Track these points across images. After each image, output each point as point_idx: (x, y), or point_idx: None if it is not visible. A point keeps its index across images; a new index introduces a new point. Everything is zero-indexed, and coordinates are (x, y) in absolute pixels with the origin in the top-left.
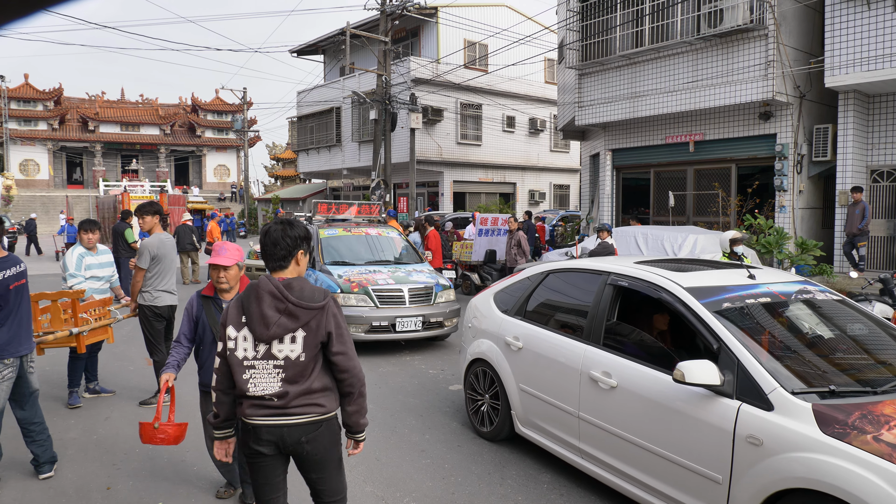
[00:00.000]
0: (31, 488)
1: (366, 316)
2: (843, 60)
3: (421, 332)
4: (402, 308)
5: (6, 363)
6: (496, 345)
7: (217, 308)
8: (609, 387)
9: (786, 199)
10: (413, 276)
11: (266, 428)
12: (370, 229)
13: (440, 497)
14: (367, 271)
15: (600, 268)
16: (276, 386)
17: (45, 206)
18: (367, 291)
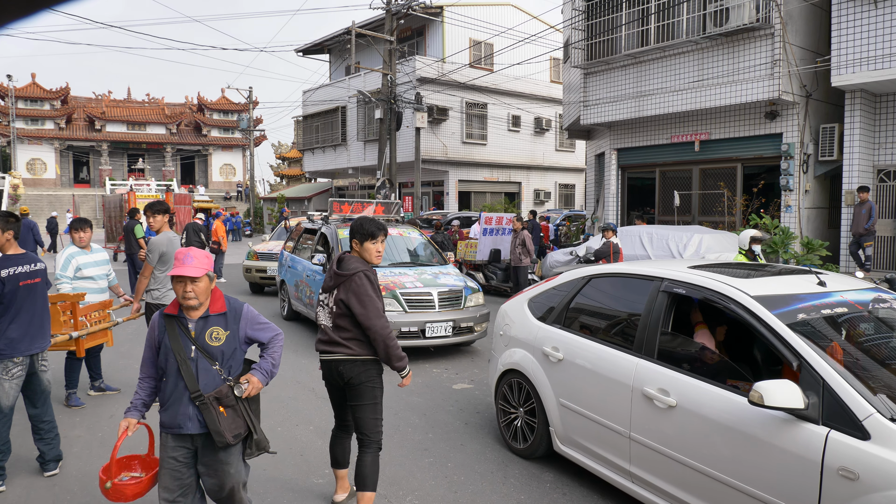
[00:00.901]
0: (37, 485)
1: (394, 321)
2: (850, 59)
3: (451, 338)
4: (432, 312)
5: (16, 361)
6: (532, 355)
7: (183, 330)
8: (667, 406)
9: (792, 198)
10: (441, 278)
11: (328, 362)
12: (391, 229)
13: (443, 496)
14: (392, 274)
15: (652, 273)
16: (326, 322)
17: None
18: (395, 295)
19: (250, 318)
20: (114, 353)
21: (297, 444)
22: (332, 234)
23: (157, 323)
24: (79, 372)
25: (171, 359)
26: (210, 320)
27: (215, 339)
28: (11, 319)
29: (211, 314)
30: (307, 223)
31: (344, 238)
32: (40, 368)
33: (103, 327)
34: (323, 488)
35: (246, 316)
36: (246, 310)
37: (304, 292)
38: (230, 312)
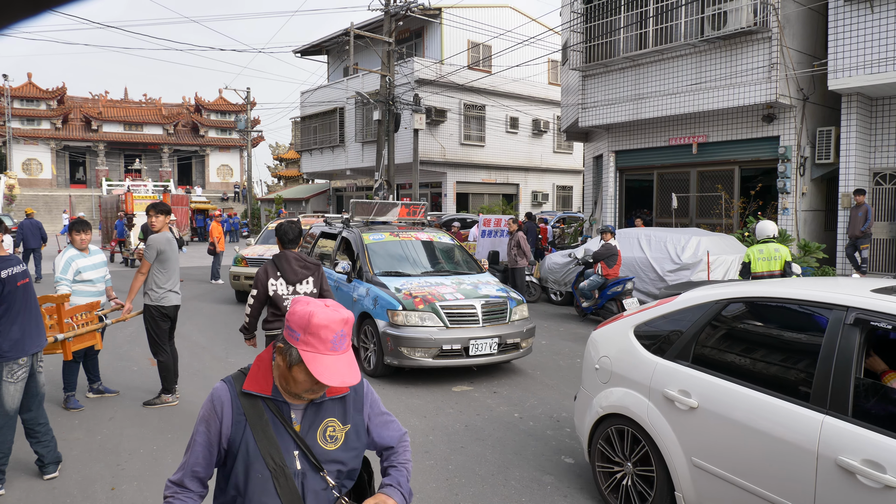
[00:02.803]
0: (36, 488)
1: (435, 338)
2: (847, 63)
3: (496, 356)
4: (476, 328)
5: (20, 363)
6: (648, 398)
7: (281, 421)
8: (881, 486)
9: (788, 201)
10: (482, 288)
11: None
12: (419, 233)
13: (444, 498)
14: (427, 284)
15: (830, 300)
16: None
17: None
18: (435, 309)
19: (373, 404)
20: (112, 355)
21: None
22: (357, 239)
23: (225, 404)
24: (76, 374)
25: (256, 470)
26: (324, 408)
27: (330, 438)
28: (13, 320)
29: (326, 397)
30: (322, 226)
31: (371, 243)
32: (37, 370)
33: (91, 329)
34: None
35: (368, 398)
36: (367, 389)
37: None
38: (350, 393)
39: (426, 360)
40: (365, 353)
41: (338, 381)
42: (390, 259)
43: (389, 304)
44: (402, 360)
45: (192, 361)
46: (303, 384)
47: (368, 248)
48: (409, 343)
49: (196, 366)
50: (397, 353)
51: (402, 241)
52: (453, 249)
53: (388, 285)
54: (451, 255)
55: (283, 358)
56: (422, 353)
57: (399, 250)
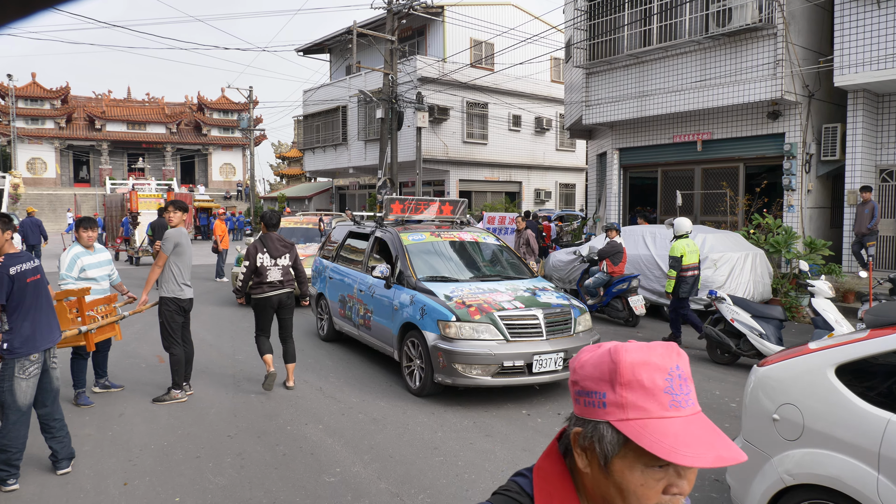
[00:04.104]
0: (50, 483)
1: (495, 353)
2: (853, 59)
3: (561, 373)
4: (539, 341)
5: (32, 360)
6: (876, 470)
7: None
8: None
9: (794, 198)
10: (541, 295)
11: (275, 296)
12: (462, 233)
13: (454, 494)
14: (480, 290)
15: None
16: (279, 277)
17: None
18: (493, 319)
19: None
20: (119, 352)
21: (307, 442)
22: (395, 240)
23: None
24: (85, 372)
25: None
26: None
27: None
28: (24, 317)
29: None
30: (348, 224)
31: (410, 244)
32: (51, 365)
33: (111, 321)
34: (335, 487)
35: None
36: None
37: (356, 311)
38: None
39: (484, 378)
40: (409, 369)
41: (711, 458)
42: (433, 262)
43: (440, 315)
44: (455, 377)
45: (199, 358)
46: (643, 489)
47: (408, 249)
48: (465, 359)
49: (203, 363)
50: (450, 370)
51: (446, 243)
52: (501, 251)
53: (437, 292)
54: (499, 257)
55: (590, 453)
56: (479, 370)
57: (442, 252)
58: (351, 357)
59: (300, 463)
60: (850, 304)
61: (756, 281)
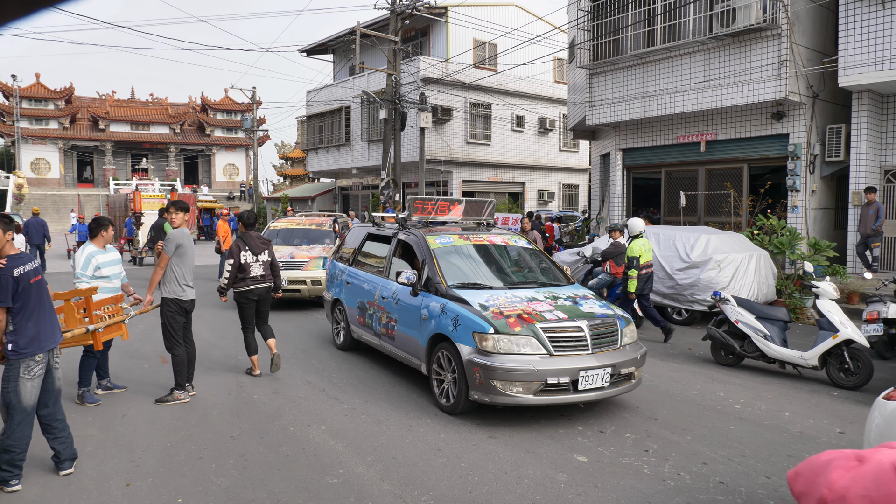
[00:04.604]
0: (52, 484)
1: (538, 369)
2: (857, 60)
3: (608, 390)
4: (585, 355)
5: (37, 360)
6: None
7: None
8: None
9: (798, 199)
10: (583, 304)
11: (257, 289)
12: (492, 236)
13: (458, 496)
14: (517, 299)
15: None
16: (261, 272)
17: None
18: (535, 331)
19: None
20: (122, 352)
21: (310, 444)
22: (421, 243)
23: None
24: (92, 370)
25: None
26: None
27: None
28: (28, 317)
29: None
30: (367, 226)
31: (438, 248)
32: (54, 365)
33: (118, 320)
34: (337, 488)
35: None
36: None
37: (378, 319)
38: None
39: (526, 396)
40: (440, 385)
41: None
42: (463, 267)
43: (476, 326)
44: (493, 395)
45: (202, 359)
46: None
47: (436, 253)
48: (505, 375)
49: (206, 364)
50: (488, 387)
51: (476, 246)
52: (534, 255)
53: (470, 301)
54: (533, 261)
55: None
56: (520, 387)
57: (472, 256)
58: (371, 369)
59: (303, 464)
60: (855, 305)
61: (760, 282)
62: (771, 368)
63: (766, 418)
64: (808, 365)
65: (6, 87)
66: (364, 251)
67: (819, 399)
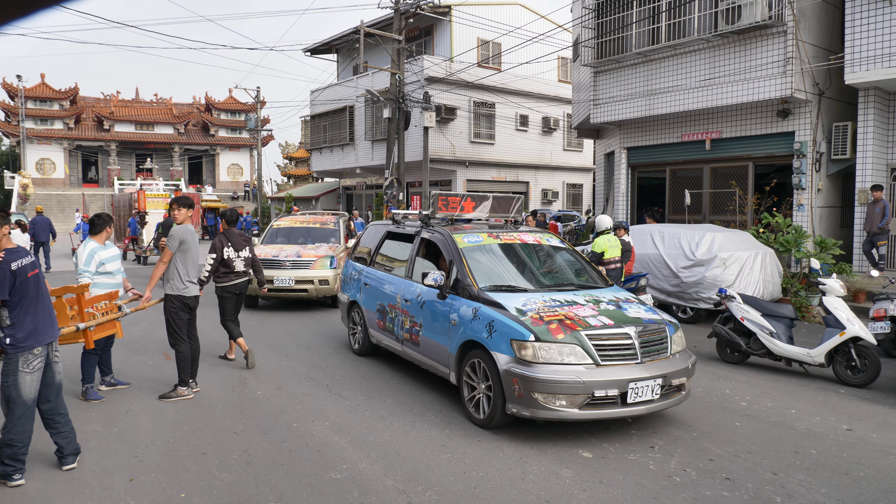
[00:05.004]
0: (55, 479)
1: (584, 381)
2: (864, 57)
3: (658, 403)
4: (634, 365)
5: (35, 353)
6: None
7: None
8: None
9: (804, 197)
10: (627, 308)
11: (239, 283)
12: (523, 234)
13: (462, 491)
14: (556, 303)
15: None
16: (242, 267)
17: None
18: (580, 339)
19: None
20: (126, 349)
21: (314, 439)
22: (448, 242)
23: None
24: (94, 366)
25: None
26: None
27: None
28: (27, 311)
29: None
30: (385, 224)
31: (466, 247)
32: (53, 359)
33: (112, 318)
34: (341, 483)
35: None
36: None
37: (400, 323)
38: None
39: (570, 410)
40: (472, 397)
41: None
42: (495, 268)
43: (514, 333)
44: (534, 409)
45: (205, 356)
46: None
47: (464, 253)
48: (548, 387)
49: (210, 361)
50: (528, 400)
51: (507, 246)
52: (568, 255)
53: (506, 305)
54: (567, 262)
55: None
56: (564, 400)
57: (504, 256)
58: (375, 366)
59: (306, 459)
60: (861, 303)
61: (766, 280)
62: (777, 366)
63: (773, 415)
64: (815, 362)
65: (11, 87)
66: (383, 251)
67: (826, 396)
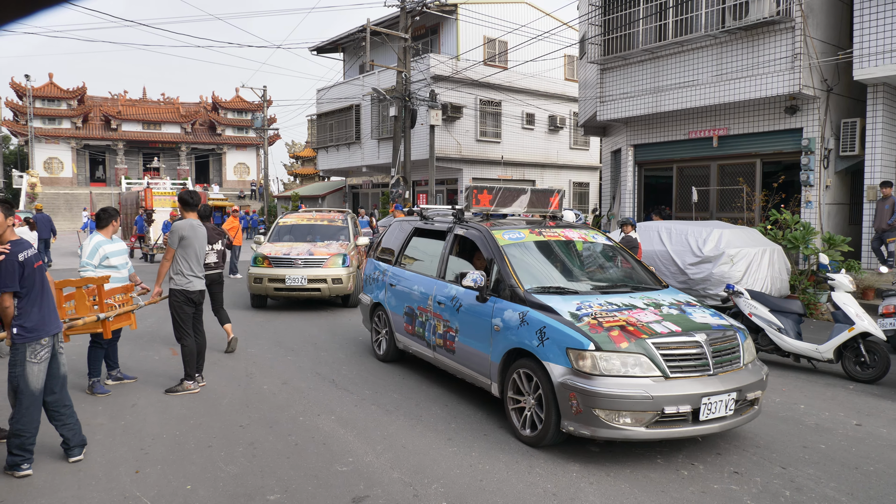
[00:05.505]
0: (62, 471)
1: (653, 396)
2: (873, 52)
3: (731, 420)
4: (707, 377)
5: (42, 343)
6: None
7: None
8: None
9: (812, 194)
10: (692, 313)
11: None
12: (566, 231)
13: (468, 484)
14: (612, 306)
15: None
16: (215, 259)
17: (68, 203)
18: (646, 348)
19: None
20: (133, 344)
21: (320, 433)
22: (487, 239)
23: None
24: (101, 360)
25: None
26: None
27: None
28: (33, 302)
29: None
30: (412, 220)
31: (507, 245)
32: (59, 350)
33: (128, 309)
34: (347, 476)
35: None
36: None
37: (432, 328)
38: None
39: (636, 429)
40: (519, 411)
41: None
42: (540, 267)
43: (571, 341)
44: (595, 428)
45: (212, 351)
46: None
47: (506, 251)
48: (611, 403)
49: (216, 355)
50: (588, 417)
51: (550, 242)
52: (617, 253)
53: (557, 309)
54: (617, 261)
55: None
56: (630, 418)
57: (548, 255)
58: (400, 370)
59: (312, 452)
60: (870, 300)
61: (774, 277)
62: (785, 362)
63: (781, 410)
64: (824, 358)
65: (20, 86)
66: (410, 249)
67: (835, 392)
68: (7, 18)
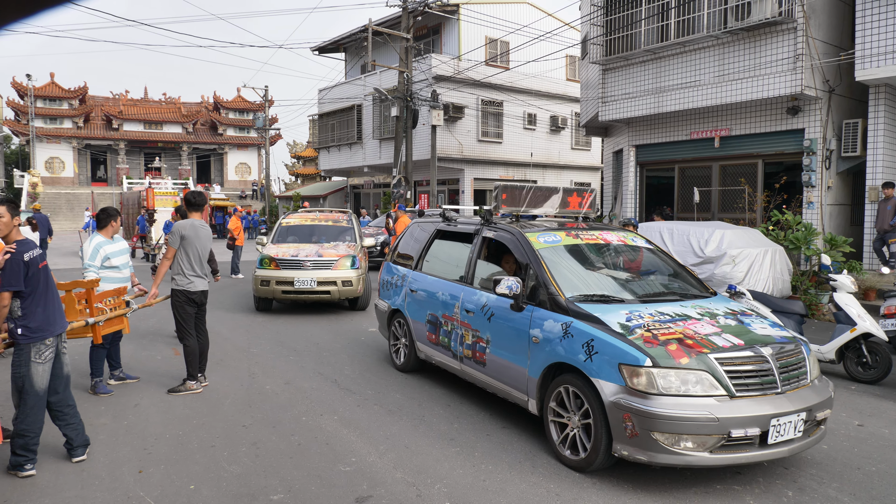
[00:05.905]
0: (65, 470)
1: (719, 417)
2: (875, 53)
3: (799, 443)
4: (775, 396)
5: (47, 343)
6: None
7: None
8: None
9: (814, 195)
10: (751, 324)
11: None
12: (605, 234)
13: (471, 484)
14: (665, 317)
15: None
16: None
17: (69, 203)
18: (709, 364)
19: None
20: (135, 344)
21: (322, 433)
22: (521, 242)
23: None
24: (103, 361)
25: None
26: None
27: None
28: (38, 302)
29: None
30: (434, 221)
31: (544, 249)
32: (62, 350)
33: (119, 314)
34: (350, 476)
35: None
36: None
37: (460, 338)
38: None
39: (699, 454)
40: (561, 430)
41: None
42: (581, 274)
43: (624, 356)
44: (653, 453)
45: (214, 351)
46: None
47: (542, 255)
48: (672, 426)
49: (218, 356)
50: (646, 441)
51: (589, 246)
52: (660, 258)
53: (605, 319)
54: (662, 266)
55: None
56: (692, 442)
57: (587, 260)
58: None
59: (315, 452)
60: (872, 301)
61: (776, 277)
62: None
63: None
64: (825, 359)
65: (21, 86)
66: (432, 253)
67: (837, 393)
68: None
